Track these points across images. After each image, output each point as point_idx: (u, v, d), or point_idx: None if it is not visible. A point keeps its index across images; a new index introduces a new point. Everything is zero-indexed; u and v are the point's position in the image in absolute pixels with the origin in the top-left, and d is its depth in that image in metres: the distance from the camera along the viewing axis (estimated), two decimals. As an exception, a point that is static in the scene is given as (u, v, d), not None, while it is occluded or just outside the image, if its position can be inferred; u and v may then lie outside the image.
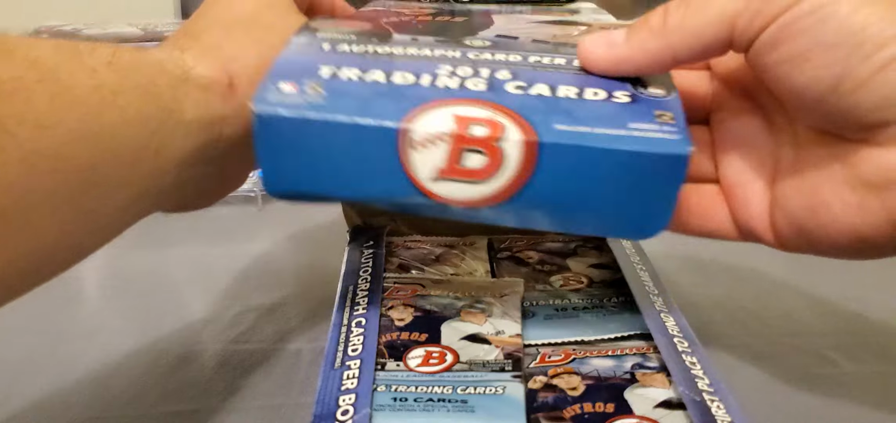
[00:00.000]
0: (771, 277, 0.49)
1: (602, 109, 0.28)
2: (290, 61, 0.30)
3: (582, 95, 0.29)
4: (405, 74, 0.29)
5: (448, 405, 0.28)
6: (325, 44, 0.32)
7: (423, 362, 0.31)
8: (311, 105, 0.27)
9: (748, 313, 0.44)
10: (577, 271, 0.39)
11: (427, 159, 0.27)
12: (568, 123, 0.27)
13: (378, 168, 0.28)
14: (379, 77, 0.29)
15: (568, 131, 0.27)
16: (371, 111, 0.27)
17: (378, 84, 0.29)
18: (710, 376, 0.30)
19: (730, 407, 0.28)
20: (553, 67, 0.31)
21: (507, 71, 0.30)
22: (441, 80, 0.29)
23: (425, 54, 0.31)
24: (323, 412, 0.27)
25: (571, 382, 0.30)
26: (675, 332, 0.33)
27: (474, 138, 0.27)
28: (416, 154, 0.27)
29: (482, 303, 0.35)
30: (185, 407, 0.36)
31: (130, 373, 0.39)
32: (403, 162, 0.27)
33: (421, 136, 0.27)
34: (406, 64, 0.30)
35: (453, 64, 0.30)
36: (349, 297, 0.35)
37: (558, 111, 0.28)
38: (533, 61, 0.31)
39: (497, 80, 0.29)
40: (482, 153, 0.27)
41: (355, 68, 0.29)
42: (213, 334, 0.43)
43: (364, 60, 0.30)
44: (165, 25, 0.77)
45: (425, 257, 0.41)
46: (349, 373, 0.30)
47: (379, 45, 0.32)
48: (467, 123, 0.27)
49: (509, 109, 0.28)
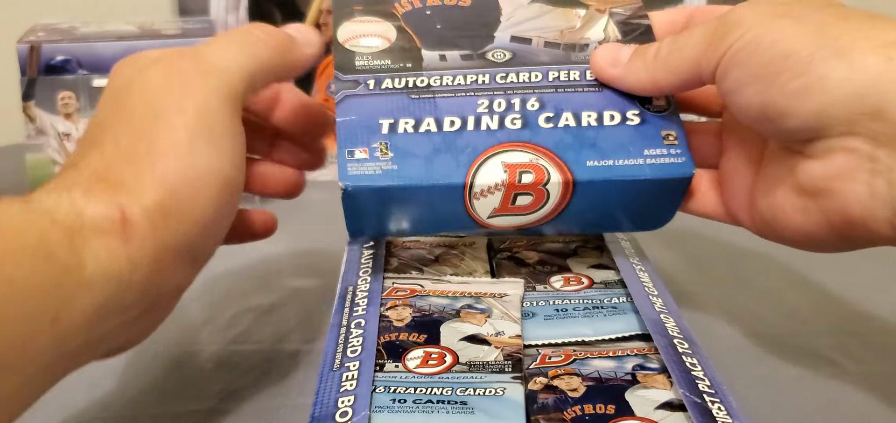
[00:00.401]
0: (771, 276, 0.49)
1: (620, 135, 0.35)
2: (349, 123, 0.35)
3: (602, 121, 0.35)
4: (452, 118, 0.35)
5: (447, 406, 0.28)
6: (370, 80, 0.36)
7: (422, 363, 0.31)
8: (386, 172, 0.33)
9: (748, 313, 0.44)
10: (578, 272, 0.39)
11: (486, 204, 0.34)
12: (596, 158, 0.34)
13: (446, 212, 0.35)
14: (432, 126, 0.35)
15: (597, 167, 0.34)
16: (437, 172, 0.34)
17: (432, 135, 0.34)
18: (711, 377, 0.29)
19: (730, 409, 0.27)
20: (572, 86, 0.36)
21: (535, 100, 0.36)
22: (483, 121, 0.35)
23: (459, 84, 0.36)
24: (321, 414, 0.27)
25: (572, 383, 0.30)
26: (675, 333, 0.32)
27: (524, 185, 0.34)
28: (476, 201, 0.34)
29: (482, 304, 0.35)
30: (182, 408, 0.36)
31: (127, 374, 0.39)
32: (467, 207, 0.35)
33: (480, 188, 0.34)
34: (448, 104, 0.35)
35: (488, 96, 0.36)
36: (348, 298, 0.35)
37: (585, 146, 0.34)
38: (552, 79, 0.36)
39: (529, 113, 0.35)
40: (530, 195, 0.34)
41: (409, 118, 0.35)
42: (210, 334, 0.43)
43: (410, 104, 0.35)
44: (163, 24, 0.76)
45: (424, 257, 0.41)
46: (348, 374, 0.29)
47: (414, 74, 0.37)
48: (516, 171, 0.34)
49: (546, 149, 0.34)
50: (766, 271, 0.50)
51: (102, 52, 0.66)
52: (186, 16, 0.81)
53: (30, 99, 0.64)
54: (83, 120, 0.64)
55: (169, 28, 0.72)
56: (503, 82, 0.36)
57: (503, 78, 0.36)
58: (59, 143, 0.64)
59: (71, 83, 0.64)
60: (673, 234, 0.45)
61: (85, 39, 0.67)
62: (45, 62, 0.65)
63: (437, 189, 0.34)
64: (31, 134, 0.64)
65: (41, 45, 0.65)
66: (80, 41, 0.67)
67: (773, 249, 0.34)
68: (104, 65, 0.66)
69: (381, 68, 0.37)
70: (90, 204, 0.26)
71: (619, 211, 0.36)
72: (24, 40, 0.66)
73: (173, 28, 0.72)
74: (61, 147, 0.64)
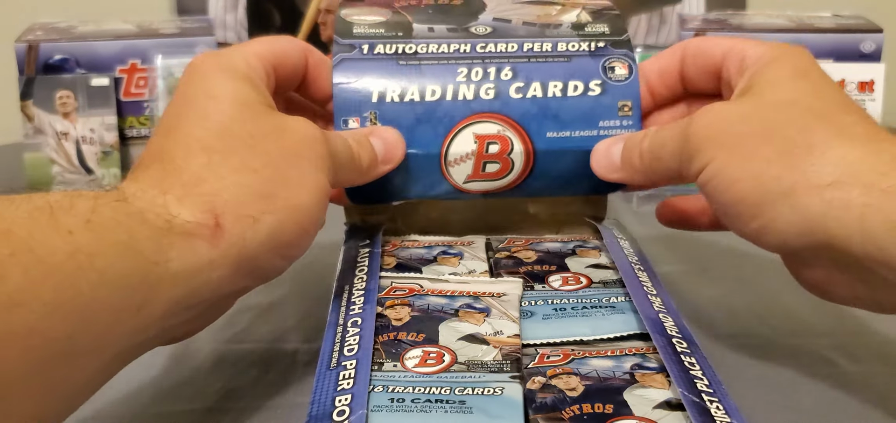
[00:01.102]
0: (771, 276, 0.49)
1: (581, 105, 0.40)
2: (346, 88, 0.39)
3: (566, 91, 0.40)
4: (433, 87, 0.40)
5: (446, 405, 0.28)
6: (364, 45, 0.41)
7: (420, 362, 0.31)
8: None
9: (748, 312, 0.44)
10: (576, 272, 0.39)
11: (460, 170, 0.40)
12: (555, 130, 0.39)
13: (427, 177, 0.40)
14: (415, 96, 0.39)
15: (555, 138, 0.40)
16: (417, 141, 0.39)
17: (415, 105, 0.39)
18: (709, 376, 0.29)
19: (729, 408, 0.27)
20: (543, 56, 0.41)
21: (509, 69, 0.40)
22: (461, 90, 0.40)
23: (442, 52, 0.41)
24: (319, 413, 0.27)
25: (570, 382, 0.30)
26: (673, 332, 0.32)
27: (491, 154, 0.40)
28: (452, 168, 0.40)
29: (481, 303, 0.35)
30: (179, 407, 0.36)
31: (125, 372, 0.38)
32: (444, 173, 0.40)
33: (454, 156, 0.40)
34: (431, 71, 0.40)
35: (467, 64, 0.40)
36: (345, 296, 0.35)
37: (548, 117, 0.40)
38: (527, 50, 0.41)
39: (502, 82, 0.40)
40: (497, 162, 0.40)
41: (396, 85, 0.40)
42: (208, 333, 0.42)
43: (397, 70, 0.40)
44: (161, 22, 0.76)
45: (423, 256, 0.41)
46: (345, 373, 0.29)
47: (405, 41, 0.41)
48: (485, 142, 0.39)
49: (513, 120, 0.39)
50: (764, 271, 0.49)
51: (101, 51, 0.66)
52: (185, 15, 0.81)
53: (28, 98, 0.64)
54: (81, 119, 0.64)
55: (167, 27, 0.72)
56: (482, 52, 0.41)
57: (483, 48, 0.41)
58: (57, 142, 0.64)
59: (69, 82, 0.64)
60: (672, 234, 0.44)
61: (83, 38, 0.67)
62: (43, 61, 0.65)
63: (418, 158, 0.39)
64: (28, 133, 0.64)
65: (39, 43, 0.65)
66: (79, 40, 0.67)
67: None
68: (102, 64, 0.66)
69: (375, 35, 0.41)
70: (184, 210, 0.28)
71: (577, 175, 0.40)
72: (23, 39, 0.66)
73: (172, 27, 0.72)
74: (59, 146, 0.64)
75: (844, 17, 0.80)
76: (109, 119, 0.65)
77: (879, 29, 0.76)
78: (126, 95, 0.67)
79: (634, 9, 0.83)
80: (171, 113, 0.33)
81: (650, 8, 0.83)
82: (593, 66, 0.41)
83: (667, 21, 0.83)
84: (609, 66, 0.41)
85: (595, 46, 0.42)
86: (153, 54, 0.66)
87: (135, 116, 0.67)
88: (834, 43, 0.76)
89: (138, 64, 0.67)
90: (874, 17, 0.79)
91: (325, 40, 0.75)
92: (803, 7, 0.84)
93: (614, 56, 0.41)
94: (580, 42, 0.42)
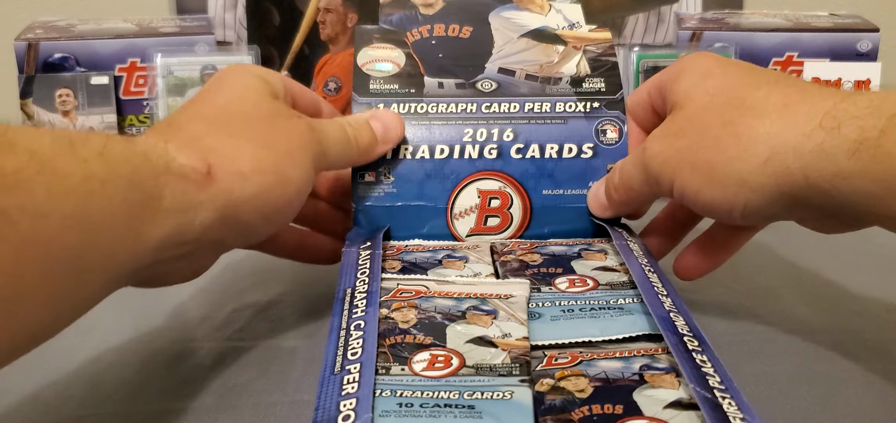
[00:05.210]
0: (771, 276, 0.49)
1: (574, 167, 0.45)
2: None
3: (561, 153, 0.45)
4: (442, 146, 0.44)
5: (455, 410, 0.28)
6: (380, 105, 0.45)
7: (428, 365, 0.31)
8: (388, 194, 0.44)
9: (748, 312, 0.44)
10: (582, 274, 0.39)
11: (464, 223, 0.44)
12: (550, 188, 0.44)
13: (432, 225, 0.44)
14: (425, 154, 0.44)
15: (550, 195, 0.44)
16: (427, 195, 0.44)
17: (425, 162, 0.44)
18: (721, 374, 0.29)
19: (742, 405, 0.27)
20: (542, 118, 0.46)
21: (511, 130, 0.45)
22: (467, 150, 0.45)
23: (451, 112, 0.46)
24: (323, 418, 0.27)
25: (579, 384, 0.30)
26: (684, 331, 0.32)
27: (492, 208, 0.44)
28: (456, 221, 0.44)
29: (488, 305, 0.35)
30: (179, 405, 0.35)
31: (125, 370, 0.38)
32: (449, 225, 0.44)
33: (459, 210, 0.44)
34: (440, 132, 0.45)
35: (473, 125, 0.45)
36: (347, 300, 0.35)
37: (544, 176, 0.44)
38: (527, 110, 0.46)
39: (504, 143, 0.45)
40: (497, 216, 0.44)
41: (408, 144, 0.44)
42: (208, 331, 0.42)
43: (411, 129, 0.45)
44: (161, 21, 0.76)
45: (428, 260, 0.41)
46: (349, 377, 0.29)
47: (416, 100, 0.46)
48: (487, 197, 0.44)
49: (513, 178, 0.44)
50: (764, 270, 0.50)
51: (100, 49, 0.66)
52: (184, 13, 0.81)
53: (28, 96, 0.64)
54: (81, 117, 0.64)
55: (167, 26, 0.72)
56: (487, 113, 0.46)
57: (487, 108, 0.46)
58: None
59: (69, 81, 0.64)
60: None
61: (83, 37, 0.67)
62: (43, 60, 0.65)
63: (426, 209, 0.44)
64: (28, 132, 0.63)
65: (39, 42, 0.65)
66: (78, 39, 0.66)
67: (771, 247, 0.35)
68: (102, 62, 0.66)
69: (389, 92, 0.46)
70: (181, 156, 0.32)
71: (572, 225, 0.45)
72: (22, 37, 0.66)
73: (171, 26, 0.72)
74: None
75: (841, 16, 0.81)
76: (109, 117, 0.65)
77: (876, 28, 0.76)
78: (125, 93, 0.67)
79: (632, 8, 0.84)
80: (184, 105, 0.37)
81: (647, 7, 0.83)
82: (587, 130, 0.45)
83: (664, 20, 0.84)
84: (601, 129, 0.45)
85: (590, 107, 0.46)
86: (153, 53, 0.66)
87: (134, 114, 0.67)
88: (830, 42, 0.76)
89: (138, 62, 0.67)
90: (870, 16, 0.79)
91: (324, 39, 0.75)
92: (800, 6, 0.84)
93: (607, 118, 0.46)
94: (577, 102, 0.46)
